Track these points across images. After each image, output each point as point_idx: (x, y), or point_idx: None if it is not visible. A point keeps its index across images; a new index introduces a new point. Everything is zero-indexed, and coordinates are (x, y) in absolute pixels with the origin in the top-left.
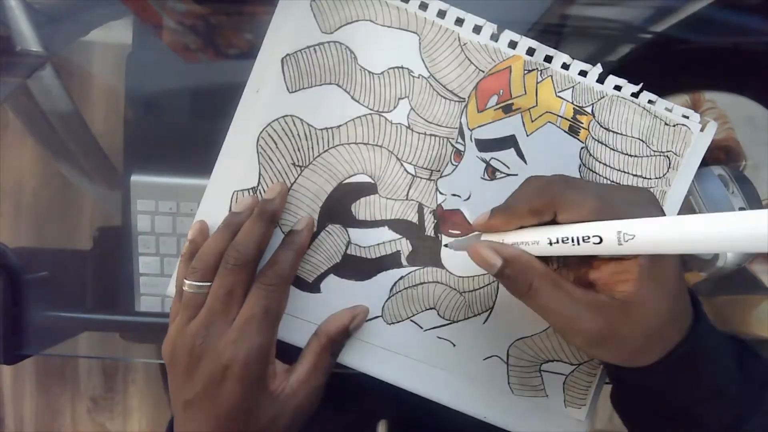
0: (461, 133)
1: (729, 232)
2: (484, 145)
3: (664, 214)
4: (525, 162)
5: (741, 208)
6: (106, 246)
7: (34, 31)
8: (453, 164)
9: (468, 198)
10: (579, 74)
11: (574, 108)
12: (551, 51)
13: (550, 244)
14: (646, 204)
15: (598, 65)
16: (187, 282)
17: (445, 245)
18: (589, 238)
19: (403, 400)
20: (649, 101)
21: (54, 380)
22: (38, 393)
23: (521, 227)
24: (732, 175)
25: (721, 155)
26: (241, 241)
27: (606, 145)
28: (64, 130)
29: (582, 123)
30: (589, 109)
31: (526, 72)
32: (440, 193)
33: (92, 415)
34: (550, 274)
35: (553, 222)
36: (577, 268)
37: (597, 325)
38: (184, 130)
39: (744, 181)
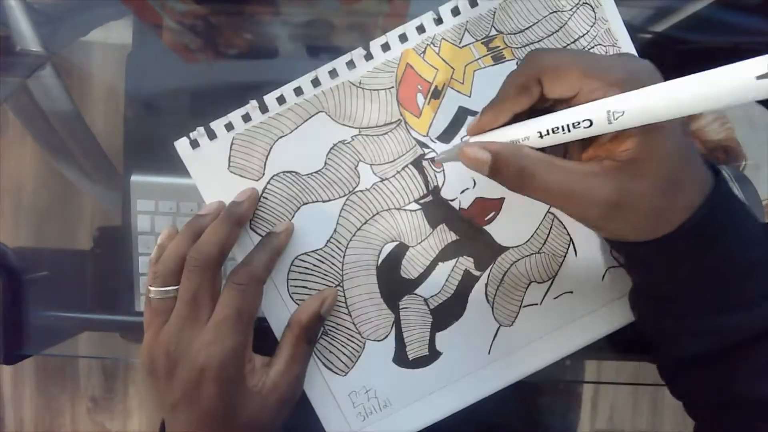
0: (422, 145)
1: (717, 86)
2: (446, 136)
3: (653, 66)
4: None
5: None
6: (106, 246)
7: (34, 31)
8: (438, 171)
9: (475, 185)
10: (453, 14)
11: (481, 42)
12: (416, 21)
13: (541, 136)
14: (634, 58)
15: None
16: (151, 289)
17: (432, 159)
18: (579, 123)
19: None
20: None
21: (54, 380)
22: (38, 393)
23: (513, 121)
24: (732, 175)
25: (721, 155)
26: (203, 242)
27: (533, 44)
28: (64, 130)
29: (499, 47)
30: (493, 33)
31: (421, 55)
32: (451, 201)
33: (92, 415)
34: (543, 157)
35: (542, 102)
36: (572, 150)
37: (608, 191)
38: (184, 130)
39: (744, 181)
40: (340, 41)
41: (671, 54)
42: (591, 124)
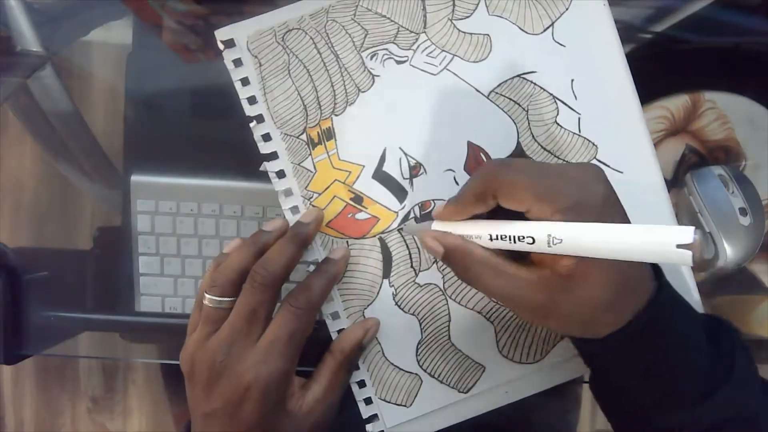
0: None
1: (651, 243)
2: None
3: (610, 190)
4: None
5: (741, 209)
6: (106, 246)
7: (34, 31)
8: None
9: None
10: None
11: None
12: None
13: (491, 239)
14: (590, 181)
15: None
16: (207, 296)
17: (399, 229)
18: (523, 237)
19: None
20: None
21: (54, 380)
22: (38, 393)
23: (475, 217)
24: (732, 175)
25: (721, 155)
26: (270, 260)
27: None
28: (64, 130)
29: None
30: None
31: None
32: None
33: (92, 415)
34: (489, 259)
35: (500, 208)
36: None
37: (539, 301)
38: (184, 130)
39: (744, 181)
40: None
41: (671, 54)
42: (533, 241)
